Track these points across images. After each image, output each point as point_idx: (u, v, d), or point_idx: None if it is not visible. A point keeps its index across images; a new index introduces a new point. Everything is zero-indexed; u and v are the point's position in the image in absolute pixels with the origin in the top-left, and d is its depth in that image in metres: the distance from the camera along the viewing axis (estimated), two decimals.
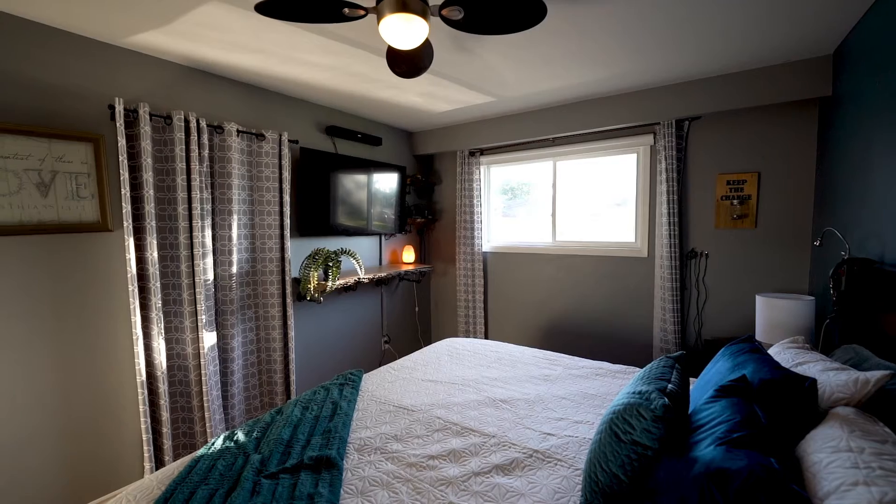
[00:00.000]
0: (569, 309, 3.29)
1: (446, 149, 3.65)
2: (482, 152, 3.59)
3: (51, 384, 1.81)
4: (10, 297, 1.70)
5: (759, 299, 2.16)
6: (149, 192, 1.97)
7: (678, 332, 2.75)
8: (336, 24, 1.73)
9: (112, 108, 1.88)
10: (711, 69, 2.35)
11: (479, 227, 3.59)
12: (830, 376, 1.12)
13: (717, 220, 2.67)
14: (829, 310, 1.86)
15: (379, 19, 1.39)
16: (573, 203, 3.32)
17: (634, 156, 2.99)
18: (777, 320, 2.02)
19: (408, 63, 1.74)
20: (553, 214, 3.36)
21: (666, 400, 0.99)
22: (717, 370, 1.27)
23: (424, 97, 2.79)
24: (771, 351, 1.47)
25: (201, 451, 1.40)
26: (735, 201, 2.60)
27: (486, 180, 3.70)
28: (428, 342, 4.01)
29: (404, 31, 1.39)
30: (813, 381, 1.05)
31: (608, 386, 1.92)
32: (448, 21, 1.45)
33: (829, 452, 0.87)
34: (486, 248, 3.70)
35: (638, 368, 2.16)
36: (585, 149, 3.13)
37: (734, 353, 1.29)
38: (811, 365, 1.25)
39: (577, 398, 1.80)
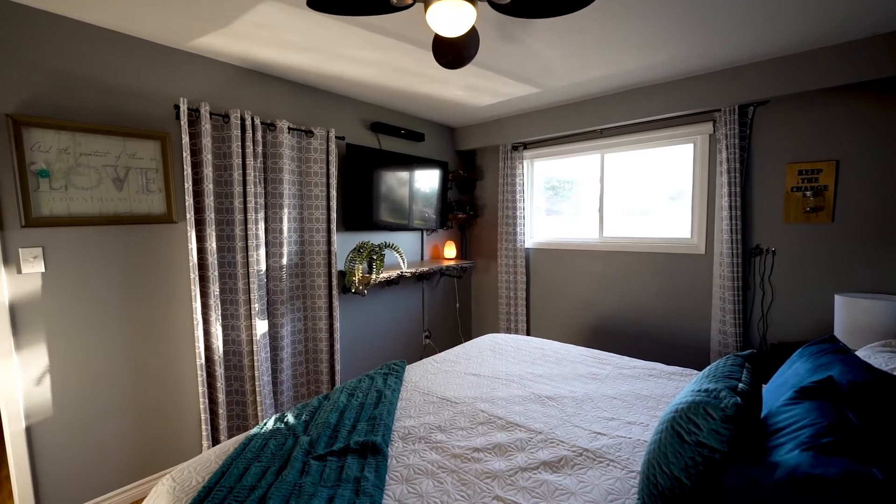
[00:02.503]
0: (617, 308, 3.15)
1: (489, 143, 3.61)
2: (525, 146, 3.51)
3: (123, 363, 1.96)
4: (91, 282, 1.86)
5: (838, 299, 1.95)
6: (208, 187, 2.09)
7: (739, 334, 2.54)
8: (383, 15, 1.75)
9: (177, 107, 2.01)
10: (783, 47, 2.15)
11: (522, 222, 3.52)
12: None
13: (787, 213, 2.44)
14: None
15: (426, 7, 1.38)
16: (622, 197, 3.17)
17: (691, 146, 2.80)
18: (861, 322, 1.82)
19: (453, 52, 1.73)
20: (600, 209, 3.22)
21: (738, 399, 0.90)
22: (795, 371, 1.15)
23: (468, 90, 2.77)
24: (858, 354, 1.31)
25: (254, 430, 1.45)
26: (808, 193, 2.36)
27: (529, 175, 3.62)
28: (468, 338, 3.99)
29: (452, 17, 1.37)
30: None
31: (662, 387, 1.81)
32: (495, 5, 1.41)
33: None
34: (528, 244, 3.62)
35: (696, 371, 2.02)
36: (636, 140, 2.97)
37: (814, 353, 1.16)
38: None
39: (628, 398, 1.71)
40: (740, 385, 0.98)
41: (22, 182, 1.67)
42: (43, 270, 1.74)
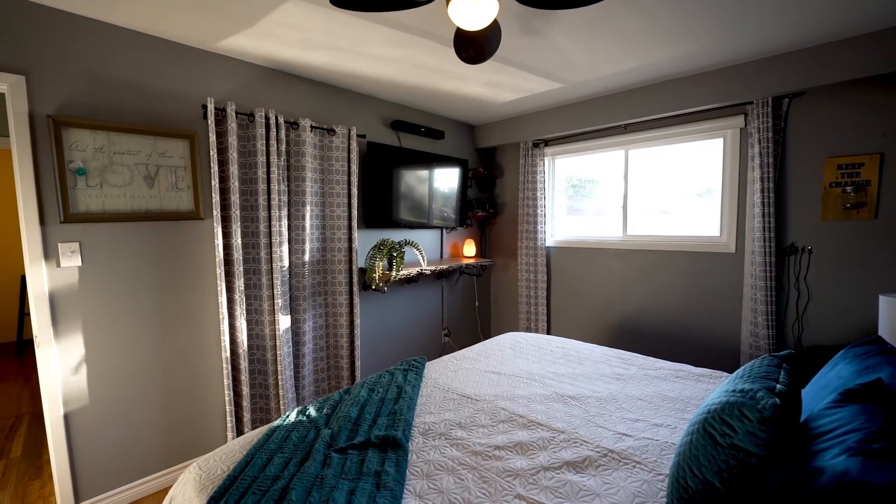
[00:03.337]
0: (641, 308, 3.06)
1: (509, 141, 3.57)
2: (546, 143, 3.46)
3: (153, 354, 2.03)
4: (123, 276, 1.93)
5: (883, 300, 1.84)
6: (234, 184, 2.13)
7: (772, 336, 2.43)
8: (404, 11, 1.76)
9: (204, 107, 2.06)
10: (821, 35, 2.04)
11: (543, 220, 3.47)
12: None
13: (825, 210, 2.32)
14: None
15: (448, 0, 1.38)
16: (646, 195, 3.08)
17: (720, 140, 2.70)
18: None
19: (475, 47, 1.71)
20: (624, 207, 3.15)
21: (776, 400, 0.86)
22: (838, 374, 1.08)
23: (488, 87, 2.75)
24: None
25: (277, 422, 1.48)
26: (848, 188, 2.24)
27: (550, 172, 3.57)
28: (487, 338, 3.96)
29: (474, 10, 1.36)
30: None
31: (691, 389, 1.74)
32: None
33: None
34: (549, 242, 3.56)
35: (727, 373, 1.94)
36: (662, 135, 2.89)
37: (860, 355, 1.09)
38: None
39: (654, 400, 1.66)
40: (778, 386, 0.93)
41: (61, 180, 1.74)
42: (80, 264, 1.81)
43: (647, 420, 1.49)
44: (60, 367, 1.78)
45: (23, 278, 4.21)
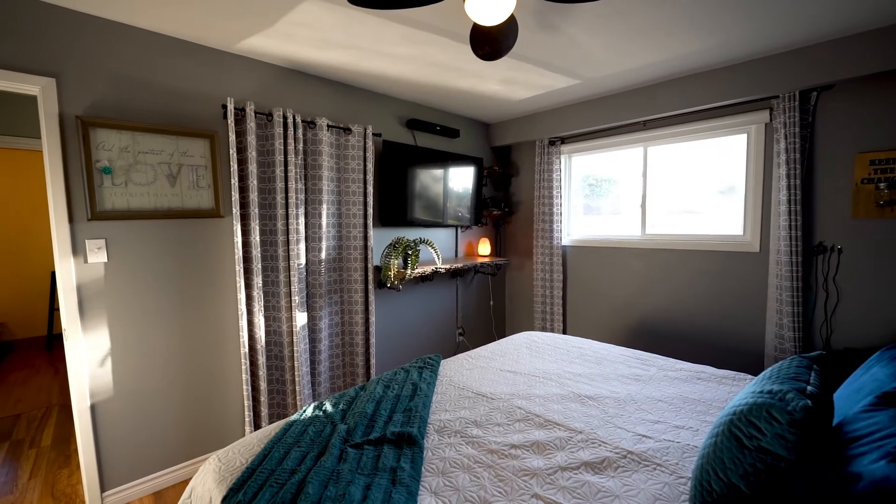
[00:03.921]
0: (659, 308, 3.00)
1: (524, 138, 3.54)
2: (563, 140, 3.42)
3: (174, 349, 2.08)
4: (146, 273, 1.98)
5: None
6: (253, 183, 2.17)
7: (798, 339, 2.35)
8: (420, 8, 1.76)
9: (224, 107, 2.10)
10: (851, 25, 1.96)
11: (559, 219, 3.43)
12: None
13: (856, 208, 2.23)
14: None
15: None
16: (666, 192, 3.01)
17: (744, 136, 2.62)
18: None
19: (491, 43, 1.70)
20: (643, 205, 3.08)
21: (808, 401, 0.82)
22: (873, 377, 1.03)
23: (504, 84, 2.73)
24: None
25: (294, 416, 1.49)
26: (882, 185, 2.15)
27: (566, 170, 3.52)
28: (502, 337, 3.93)
29: (491, 5, 1.35)
30: None
31: (713, 391, 1.69)
32: None
33: None
34: (565, 241, 3.52)
35: (752, 375, 1.88)
36: (683, 131, 2.82)
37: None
38: None
39: (675, 402, 1.62)
40: (809, 388, 0.90)
41: (89, 179, 1.80)
42: (105, 261, 1.87)
43: (667, 422, 1.46)
44: (87, 360, 1.84)
45: (53, 275, 4.38)
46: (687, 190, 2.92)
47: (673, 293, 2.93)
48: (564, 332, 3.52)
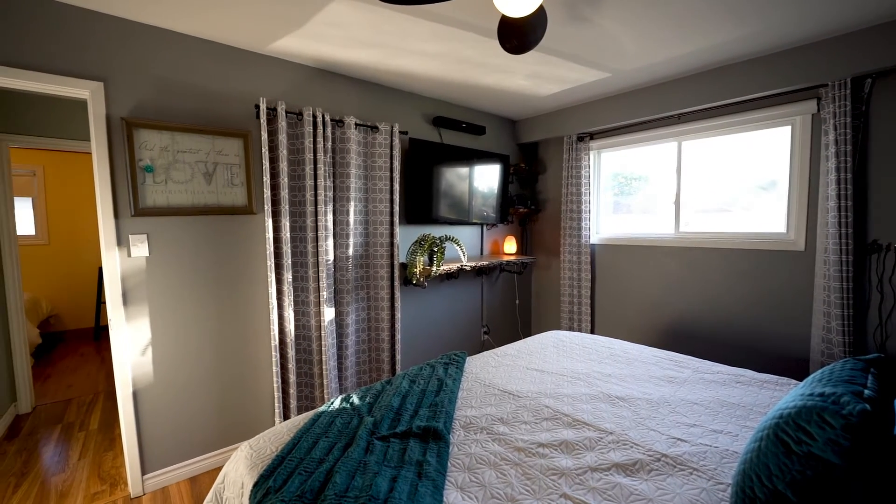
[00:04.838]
0: (694, 309, 2.88)
1: (552, 135, 3.48)
2: (591, 136, 3.34)
3: (210, 341, 2.16)
4: (184, 267, 2.07)
5: None
6: (284, 181, 2.23)
7: (849, 343, 2.20)
8: (447, 4, 1.75)
9: (257, 107, 2.16)
10: None
11: (587, 216, 3.35)
12: None
13: None
14: None
15: None
16: (702, 189, 2.89)
17: (788, 128, 2.47)
18: None
19: (519, 36, 1.67)
20: (677, 202, 2.97)
21: (866, 405, 0.76)
22: None
23: (531, 79, 2.68)
24: None
25: (322, 407, 1.52)
26: None
27: (595, 167, 3.44)
28: (527, 336, 3.87)
29: None
30: None
31: (754, 396, 1.61)
32: None
33: None
34: (594, 239, 3.43)
35: (796, 380, 1.77)
36: (721, 124, 2.69)
37: None
38: None
39: (712, 405, 1.54)
40: (866, 391, 0.83)
41: (132, 177, 1.89)
42: (147, 254, 1.96)
43: (704, 426, 1.39)
44: (130, 349, 1.94)
45: (100, 270, 4.65)
46: (724, 186, 2.79)
47: (708, 293, 2.80)
48: (592, 332, 3.44)
